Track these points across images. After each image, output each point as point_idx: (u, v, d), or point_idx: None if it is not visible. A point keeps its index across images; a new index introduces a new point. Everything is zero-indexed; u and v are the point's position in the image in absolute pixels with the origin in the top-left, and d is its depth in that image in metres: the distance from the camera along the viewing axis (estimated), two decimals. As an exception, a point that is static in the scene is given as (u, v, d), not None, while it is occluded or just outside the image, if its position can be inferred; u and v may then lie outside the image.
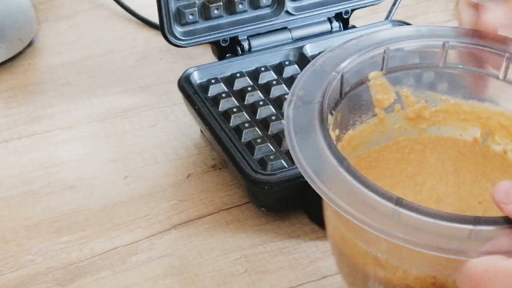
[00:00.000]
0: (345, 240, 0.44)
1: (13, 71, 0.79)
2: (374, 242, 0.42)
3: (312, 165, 0.41)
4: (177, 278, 0.57)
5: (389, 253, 0.42)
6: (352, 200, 0.39)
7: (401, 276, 0.42)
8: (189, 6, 0.68)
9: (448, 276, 0.41)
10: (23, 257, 0.58)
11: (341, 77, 0.47)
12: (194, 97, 0.66)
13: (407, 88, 0.51)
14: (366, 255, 0.43)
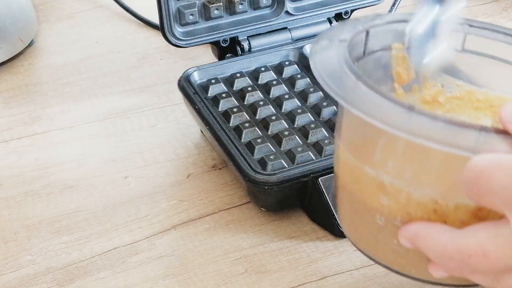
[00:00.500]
0: (353, 173, 0.46)
1: (13, 71, 0.79)
2: (382, 162, 0.43)
3: (332, 79, 0.43)
4: (177, 278, 0.57)
5: (395, 174, 0.43)
6: (370, 107, 0.41)
7: (403, 203, 0.43)
8: (189, 6, 0.68)
9: (450, 201, 0.42)
10: (23, 257, 0.58)
11: (366, 33, 0.49)
12: (194, 97, 0.66)
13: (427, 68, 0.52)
14: (371, 183, 0.44)
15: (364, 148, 0.45)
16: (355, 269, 0.57)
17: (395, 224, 0.44)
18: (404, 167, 0.43)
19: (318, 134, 0.62)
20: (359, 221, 0.47)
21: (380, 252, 0.47)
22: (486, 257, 0.39)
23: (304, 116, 0.64)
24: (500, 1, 0.91)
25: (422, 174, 0.43)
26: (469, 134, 0.39)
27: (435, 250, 0.42)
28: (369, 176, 0.44)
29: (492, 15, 0.88)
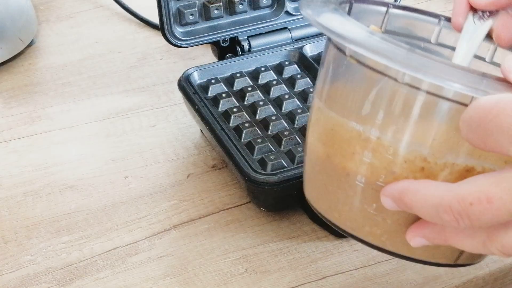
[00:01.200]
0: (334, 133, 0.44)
1: (14, 71, 0.79)
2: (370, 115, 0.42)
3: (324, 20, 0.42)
4: (177, 278, 0.57)
5: (384, 126, 0.41)
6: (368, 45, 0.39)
7: (389, 160, 0.41)
8: (189, 6, 0.69)
9: (439, 158, 0.40)
10: (23, 257, 0.58)
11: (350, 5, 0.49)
12: (194, 97, 0.66)
13: None
14: (355, 140, 0.43)
15: (351, 103, 0.44)
16: (355, 269, 0.57)
17: (377, 184, 0.42)
18: (394, 119, 0.41)
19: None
20: (334, 189, 0.45)
21: (354, 221, 0.45)
22: (490, 202, 0.36)
23: (304, 116, 0.64)
24: (500, 1, 0.91)
25: (413, 126, 0.41)
26: (472, 77, 0.38)
27: (428, 203, 0.39)
28: (355, 132, 0.43)
29: (492, 15, 0.88)
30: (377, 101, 0.42)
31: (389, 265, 0.57)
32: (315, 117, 0.47)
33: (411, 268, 0.57)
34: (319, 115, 0.46)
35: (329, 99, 0.46)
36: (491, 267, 0.57)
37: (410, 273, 0.57)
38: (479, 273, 0.57)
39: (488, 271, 0.57)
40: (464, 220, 0.38)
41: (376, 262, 0.57)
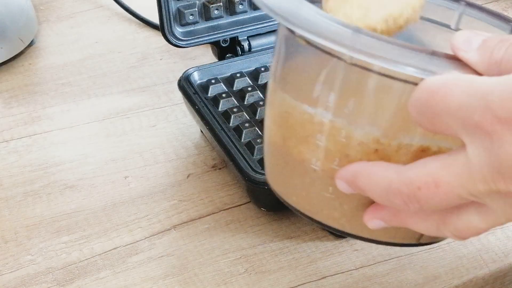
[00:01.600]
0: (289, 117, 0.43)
1: (14, 71, 0.79)
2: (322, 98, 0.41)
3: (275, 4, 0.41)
4: (177, 278, 0.57)
5: (336, 108, 0.41)
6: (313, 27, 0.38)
7: (343, 142, 0.41)
8: (189, 6, 0.69)
9: (393, 139, 0.40)
10: (23, 257, 0.58)
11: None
12: (194, 97, 0.66)
13: None
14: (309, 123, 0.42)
15: (302, 85, 0.43)
16: (355, 269, 0.57)
17: (332, 168, 0.42)
18: (346, 101, 0.40)
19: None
20: (291, 173, 0.45)
21: (313, 205, 0.45)
22: (438, 187, 0.36)
23: (304, 116, 0.64)
24: (500, 1, 0.91)
25: (365, 108, 0.40)
26: (420, 56, 0.36)
27: (379, 185, 0.38)
28: (307, 115, 0.42)
29: (492, 15, 0.88)
30: (328, 83, 0.41)
31: (389, 265, 0.57)
32: (270, 99, 0.46)
33: (411, 268, 0.57)
34: (273, 97, 0.45)
35: (282, 80, 0.45)
36: (491, 267, 0.58)
37: (410, 273, 0.57)
38: (479, 273, 0.57)
39: (488, 271, 0.57)
40: (413, 203, 0.37)
41: (376, 262, 0.58)
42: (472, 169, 0.35)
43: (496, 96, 0.33)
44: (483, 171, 0.35)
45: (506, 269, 0.58)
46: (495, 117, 0.33)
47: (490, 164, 0.34)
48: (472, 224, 0.38)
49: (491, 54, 0.36)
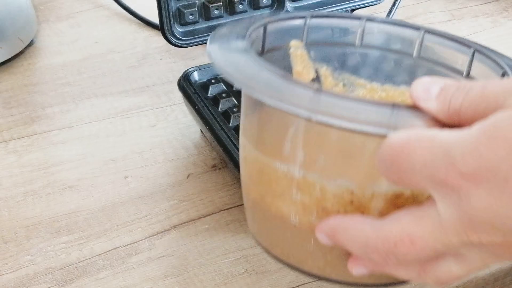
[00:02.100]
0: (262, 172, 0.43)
1: (13, 71, 0.79)
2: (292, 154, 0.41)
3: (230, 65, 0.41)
4: (177, 279, 0.56)
5: (307, 165, 0.41)
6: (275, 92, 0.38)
7: (318, 197, 0.41)
8: (189, 6, 0.68)
9: (366, 190, 0.40)
10: (23, 257, 0.58)
11: (264, 29, 0.47)
12: (194, 97, 0.66)
13: (326, 66, 0.51)
14: (283, 179, 0.42)
15: (272, 142, 0.43)
16: (355, 269, 0.57)
17: (311, 221, 0.42)
18: (316, 156, 0.41)
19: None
20: (272, 227, 0.45)
21: (297, 257, 0.45)
22: (413, 243, 0.36)
23: (304, 116, 0.63)
24: (500, 1, 0.91)
25: (334, 162, 0.40)
26: (381, 111, 0.37)
27: (357, 242, 0.39)
28: (280, 172, 0.42)
29: (493, 14, 0.88)
30: (295, 141, 0.41)
31: (389, 265, 0.57)
32: (243, 155, 0.46)
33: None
34: (246, 153, 0.45)
35: (252, 137, 0.45)
36: (491, 267, 0.57)
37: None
38: (479, 273, 0.57)
39: (488, 271, 0.57)
40: (391, 259, 0.38)
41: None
42: (444, 224, 0.36)
43: (458, 152, 0.33)
44: (455, 225, 0.35)
45: (506, 269, 0.58)
46: (459, 173, 0.34)
47: (461, 218, 0.35)
48: (451, 272, 0.38)
49: (450, 103, 0.37)
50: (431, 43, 0.49)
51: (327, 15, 0.51)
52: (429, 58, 0.49)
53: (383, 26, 0.50)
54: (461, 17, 0.88)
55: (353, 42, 0.50)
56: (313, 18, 0.49)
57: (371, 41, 0.50)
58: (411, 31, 0.49)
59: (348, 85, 0.51)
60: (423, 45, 0.49)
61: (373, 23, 0.50)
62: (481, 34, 0.85)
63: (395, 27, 0.50)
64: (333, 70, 0.51)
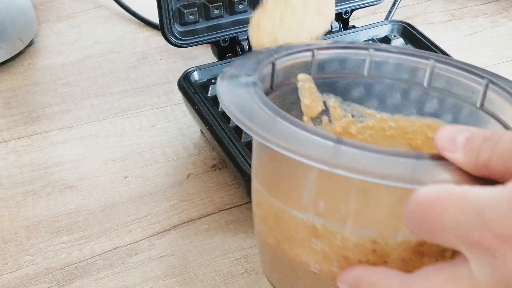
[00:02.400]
0: (279, 219, 0.42)
1: (13, 71, 0.79)
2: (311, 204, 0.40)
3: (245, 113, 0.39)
4: (177, 279, 0.56)
5: (327, 214, 0.40)
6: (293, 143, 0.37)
7: (339, 245, 0.40)
8: (189, 6, 0.68)
9: (389, 238, 0.39)
10: (23, 257, 0.58)
11: (272, 65, 0.46)
12: (194, 97, 0.66)
13: (335, 98, 0.50)
14: (302, 228, 0.41)
15: (290, 190, 0.41)
16: (355, 269, 0.57)
17: (331, 269, 0.41)
18: (336, 207, 0.39)
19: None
20: (289, 272, 0.43)
21: None
22: None
23: (304, 116, 0.64)
24: (500, 1, 0.91)
25: (356, 212, 0.39)
26: (405, 163, 0.36)
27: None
28: (298, 220, 0.40)
29: (492, 15, 0.88)
30: (314, 190, 0.40)
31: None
32: (257, 199, 0.44)
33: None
34: (260, 198, 0.44)
35: (266, 183, 0.43)
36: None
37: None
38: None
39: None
40: None
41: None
42: (478, 285, 0.34)
43: (493, 213, 0.32)
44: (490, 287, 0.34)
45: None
46: (494, 235, 0.32)
47: (496, 280, 0.34)
48: None
49: (478, 155, 0.36)
50: (442, 71, 0.48)
51: (334, 46, 0.50)
52: (440, 87, 0.48)
53: (392, 55, 0.49)
54: (461, 17, 0.88)
55: (361, 72, 0.50)
56: (320, 50, 0.49)
57: (379, 71, 0.50)
58: (420, 60, 0.49)
59: (357, 115, 0.51)
60: (433, 74, 0.48)
61: (381, 52, 0.49)
62: (481, 34, 0.85)
63: (404, 56, 0.49)
64: (341, 101, 0.50)
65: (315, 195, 0.40)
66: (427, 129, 0.49)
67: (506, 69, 0.79)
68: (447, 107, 0.48)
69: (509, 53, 0.82)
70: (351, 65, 0.50)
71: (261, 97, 0.41)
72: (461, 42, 0.83)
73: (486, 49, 0.83)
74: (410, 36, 0.73)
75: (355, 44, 0.51)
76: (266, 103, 0.40)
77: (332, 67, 0.49)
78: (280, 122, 0.38)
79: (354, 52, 0.50)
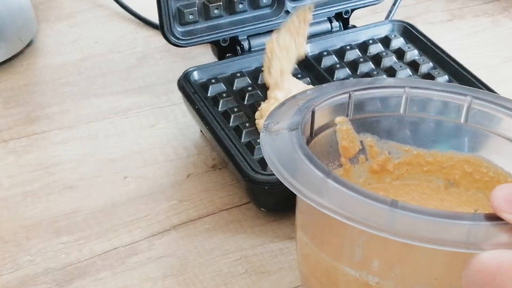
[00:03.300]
0: (329, 275, 0.42)
1: (13, 71, 0.79)
2: (365, 262, 0.40)
3: (298, 179, 0.39)
4: (176, 279, 0.56)
5: (381, 272, 0.40)
6: (347, 207, 0.37)
7: None
8: (189, 6, 0.68)
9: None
10: (22, 257, 0.58)
11: (312, 113, 0.47)
12: (194, 97, 0.66)
13: (371, 137, 0.51)
14: (354, 284, 0.41)
15: (341, 247, 0.41)
16: (355, 270, 0.57)
17: None
18: (392, 265, 0.39)
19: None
20: None
21: None
22: None
23: (304, 116, 0.63)
24: (501, 1, 0.91)
25: (412, 270, 0.39)
26: (462, 226, 0.35)
27: None
28: (351, 277, 0.40)
29: (493, 14, 0.88)
30: (368, 250, 0.40)
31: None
32: (304, 252, 0.44)
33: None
34: (307, 251, 0.44)
35: (315, 238, 0.43)
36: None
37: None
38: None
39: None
40: None
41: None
42: None
43: None
44: None
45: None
46: None
47: None
48: None
49: None
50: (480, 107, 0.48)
51: (370, 87, 0.50)
52: (478, 124, 0.48)
53: (428, 92, 0.49)
54: (462, 17, 0.88)
55: (398, 110, 0.50)
56: (356, 92, 0.49)
57: (415, 108, 0.50)
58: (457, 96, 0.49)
59: (394, 152, 0.51)
60: (470, 110, 0.48)
61: (417, 90, 0.49)
62: (482, 34, 0.85)
63: (441, 92, 0.49)
64: (377, 139, 0.51)
65: (368, 254, 0.40)
66: (465, 164, 0.50)
67: (506, 69, 0.79)
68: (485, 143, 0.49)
69: (509, 53, 0.82)
70: (387, 104, 0.50)
71: (310, 157, 0.41)
72: (461, 42, 0.83)
73: (486, 49, 0.82)
74: (410, 36, 0.73)
75: (390, 83, 0.52)
76: (316, 163, 0.40)
77: (369, 107, 0.50)
78: (332, 185, 0.38)
79: (390, 91, 0.50)
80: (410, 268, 0.39)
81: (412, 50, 0.72)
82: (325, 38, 0.73)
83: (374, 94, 0.50)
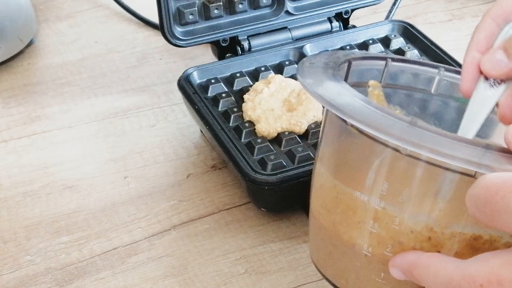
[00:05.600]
0: (339, 201, 0.44)
1: (13, 71, 0.79)
2: (375, 186, 0.41)
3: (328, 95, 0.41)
4: (176, 279, 0.56)
5: (389, 196, 0.41)
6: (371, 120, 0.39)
7: (396, 230, 0.41)
8: (189, 6, 0.68)
9: (446, 228, 0.40)
10: (22, 257, 0.58)
11: (349, 63, 0.48)
12: (194, 97, 0.66)
13: (400, 109, 0.51)
14: (361, 209, 0.42)
15: (355, 173, 0.43)
16: (355, 270, 0.57)
17: (384, 253, 0.42)
18: (400, 190, 0.41)
19: (318, 134, 0.62)
20: (340, 256, 0.45)
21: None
22: (501, 284, 0.35)
23: (304, 116, 0.63)
24: (500, 1, 0.90)
25: (418, 197, 0.40)
26: (474, 150, 0.37)
27: (438, 280, 0.38)
28: (359, 201, 0.42)
29: (493, 14, 0.88)
30: (381, 172, 0.41)
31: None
32: (319, 183, 0.46)
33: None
34: (322, 181, 0.46)
35: (332, 166, 0.45)
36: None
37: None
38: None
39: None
40: None
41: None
42: None
43: None
44: None
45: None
46: None
47: None
48: None
49: None
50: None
51: (408, 60, 0.51)
52: None
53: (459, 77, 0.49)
54: (462, 17, 0.88)
55: (429, 89, 0.51)
56: (393, 62, 0.50)
57: (447, 90, 0.51)
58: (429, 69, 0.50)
59: None
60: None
61: (451, 73, 0.50)
62: (481, 33, 0.85)
63: None
64: (405, 114, 0.51)
65: (379, 177, 0.41)
66: None
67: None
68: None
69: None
70: (420, 81, 0.51)
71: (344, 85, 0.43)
72: (461, 42, 0.83)
73: (486, 49, 0.82)
74: (410, 36, 0.73)
75: (426, 62, 0.53)
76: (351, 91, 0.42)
77: (402, 79, 0.51)
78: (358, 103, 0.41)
79: (425, 69, 0.51)
80: (416, 196, 0.40)
81: (412, 50, 0.72)
82: (325, 38, 0.73)
83: (409, 69, 0.51)
